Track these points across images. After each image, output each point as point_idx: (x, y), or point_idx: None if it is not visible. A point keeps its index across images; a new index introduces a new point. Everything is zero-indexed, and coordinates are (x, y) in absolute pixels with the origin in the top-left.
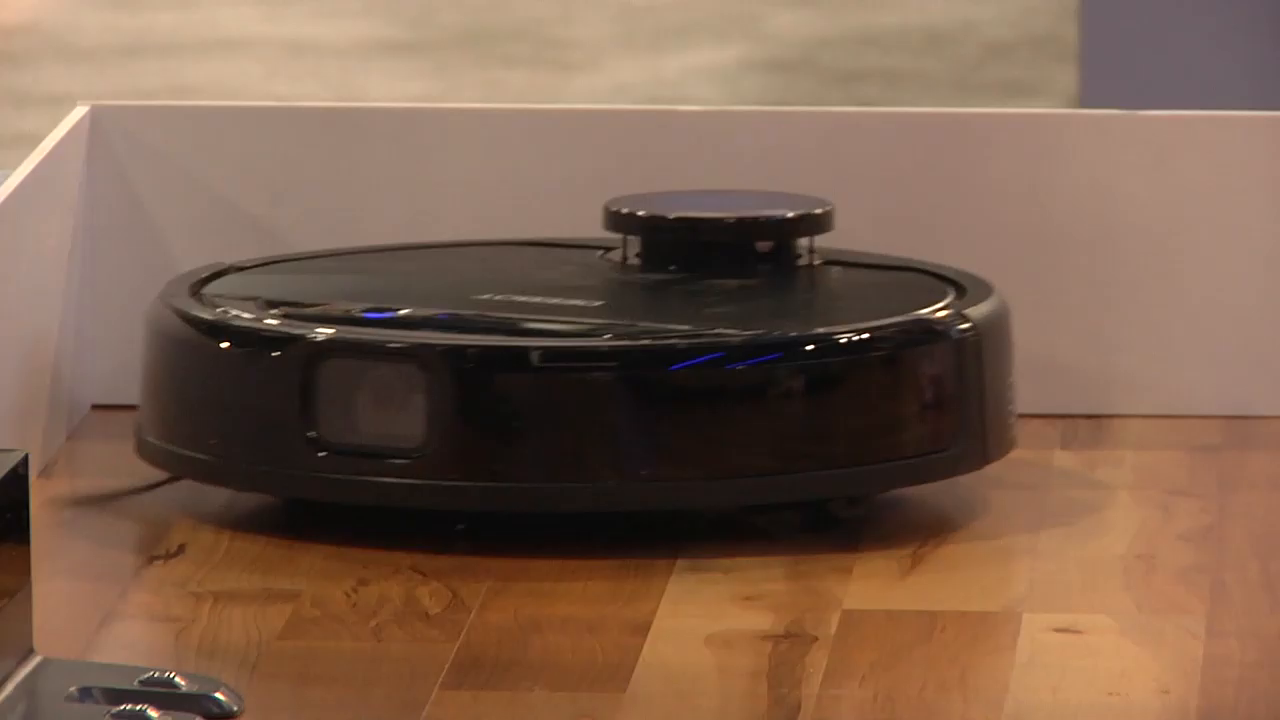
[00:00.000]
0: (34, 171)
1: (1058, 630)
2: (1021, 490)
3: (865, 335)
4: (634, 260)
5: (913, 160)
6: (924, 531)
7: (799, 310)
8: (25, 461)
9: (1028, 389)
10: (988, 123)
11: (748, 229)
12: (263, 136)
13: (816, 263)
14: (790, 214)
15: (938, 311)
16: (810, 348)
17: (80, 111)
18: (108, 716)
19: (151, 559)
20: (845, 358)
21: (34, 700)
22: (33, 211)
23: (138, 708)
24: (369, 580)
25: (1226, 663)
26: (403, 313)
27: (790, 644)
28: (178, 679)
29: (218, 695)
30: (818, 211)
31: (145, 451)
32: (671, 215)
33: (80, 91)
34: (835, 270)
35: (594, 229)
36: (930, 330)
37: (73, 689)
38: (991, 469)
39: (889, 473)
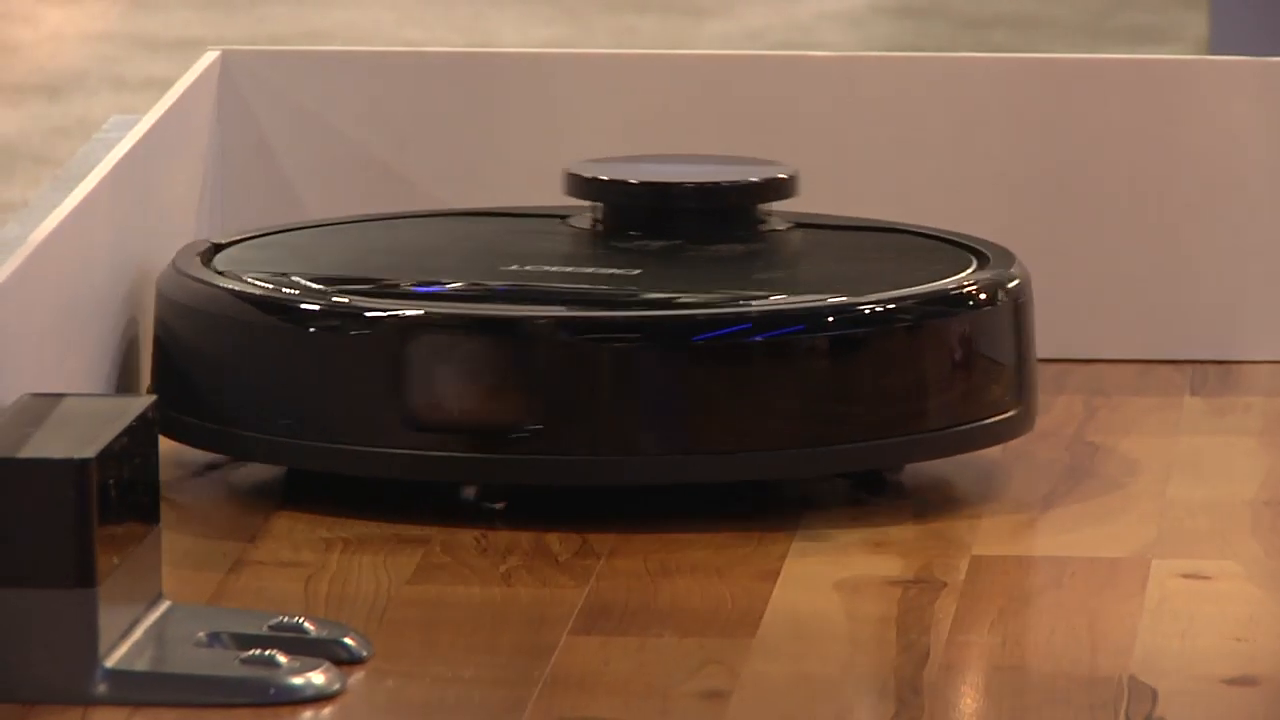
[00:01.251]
0: (164, 116)
1: (1186, 576)
2: (1150, 436)
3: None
4: (599, 228)
5: (1041, 106)
6: (1054, 479)
7: (848, 276)
8: (155, 406)
9: (1157, 334)
10: (1117, 69)
11: (710, 195)
12: (393, 82)
13: (782, 227)
14: (755, 179)
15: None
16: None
17: (211, 56)
18: (236, 661)
19: (279, 506)
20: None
21: (163, 645)
22: (163, 156)
23: (266, 653)
24: (498, 526)
25: None
26: (452, 285)
27: (919, 590)
28: (307, 624)
29: (346, 641)
30: (781, 177)
31: (190, 434)
32: (636, 180)
33: (211, 37)
34: (829, 234)
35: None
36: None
37: (201, 634)
38: (1122, 414)
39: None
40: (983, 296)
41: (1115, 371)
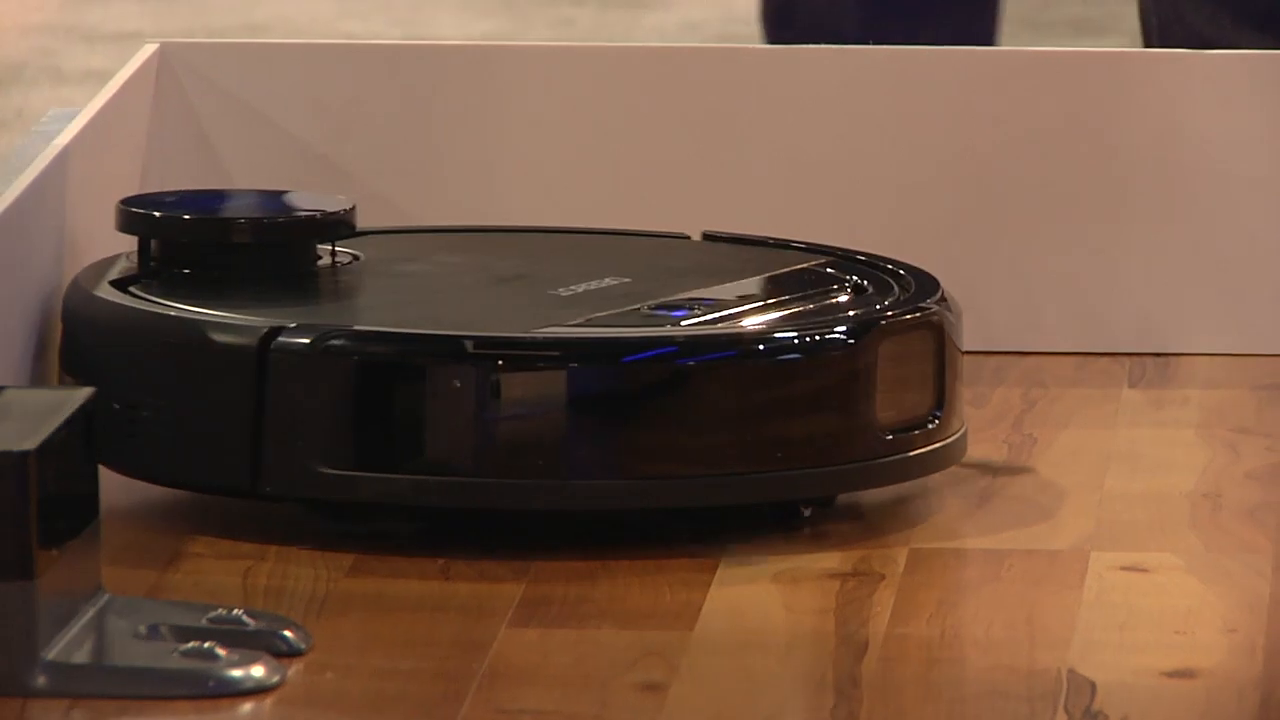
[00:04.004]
0: (103, 109)
1: (1125, 569)
2: (1088, 429)
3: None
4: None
5: (977, 98)
6: (992, 470)
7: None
8: (94, 399)
9: (1095, 327)
10: (1054, 61)
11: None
12: (332, 75)
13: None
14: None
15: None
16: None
17: (149, 49)
18: (175, 654)
19: (219, 499)
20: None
21: (102, 638)
22: (101, 149)
23: (205, 645)
24: (436, 518)
25: None
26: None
27: (857, 582)
28: (245, 617)
29: (285, 633)
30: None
31: (342, 488)
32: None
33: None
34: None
35: (667, 174)
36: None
37: (141, 627)
38: (1060, 406)
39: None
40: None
41: (1053, 364)
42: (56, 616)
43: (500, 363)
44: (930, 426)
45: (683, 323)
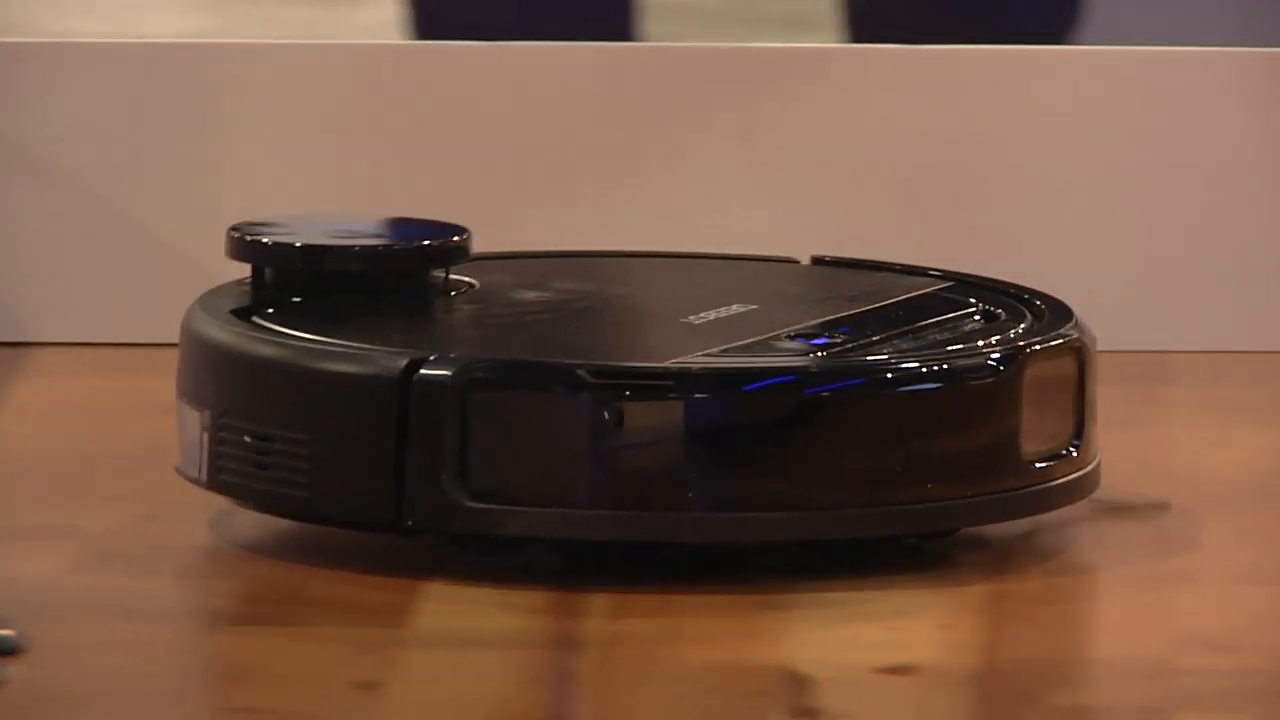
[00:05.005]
0: None
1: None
2: None
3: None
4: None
5: (676, 94)
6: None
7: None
8: None
9: None
10: (759, 57)
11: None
12: (39, 73)
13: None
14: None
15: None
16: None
17: None
18: None
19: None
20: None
21: None
22: None
23: None
24: (158, 515)
25: None
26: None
27: (577, 577)
28: None
29: (2, 632)
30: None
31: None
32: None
33: None
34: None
35: (346, 180)
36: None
37: None
38: None
39: None
40: None
41: None
42: None
43: (660, 394)
44: (1070, 455)
45: (825, 351)
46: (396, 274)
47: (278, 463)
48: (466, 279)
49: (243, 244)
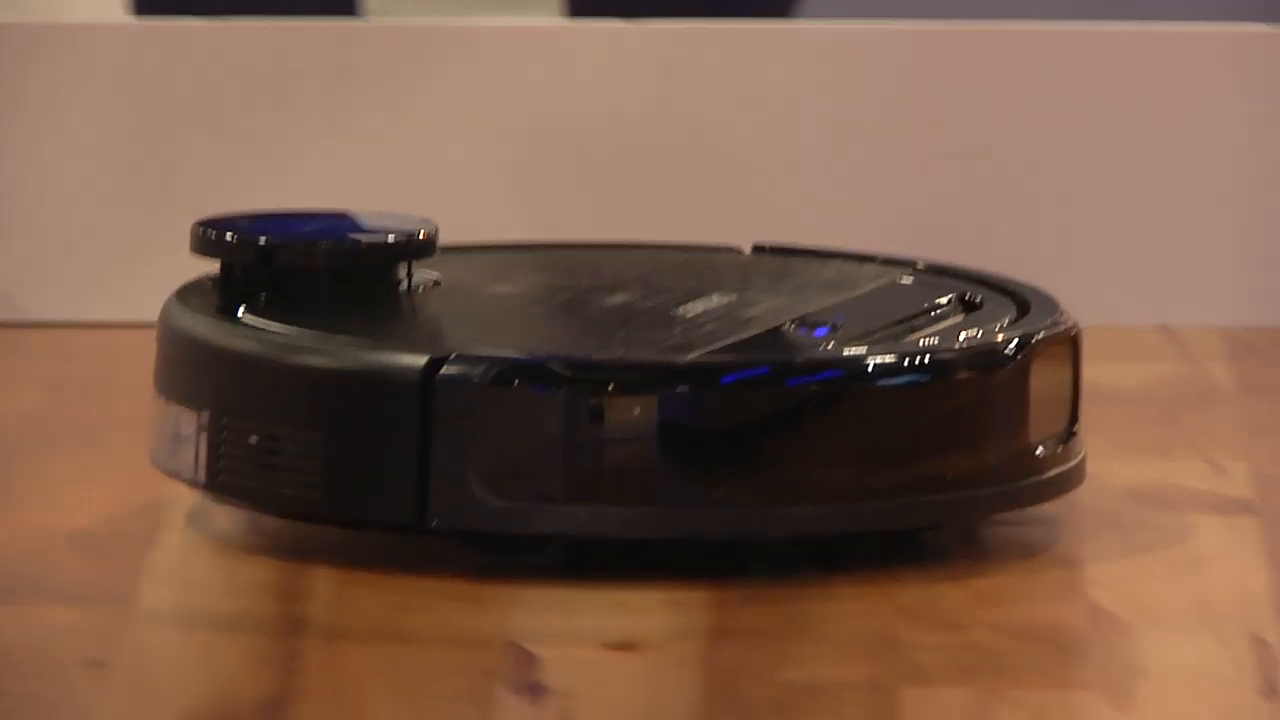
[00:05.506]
0: None
1: None
2: None
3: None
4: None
5: (412, 70)
6: None
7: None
8: None
9: None
10: (479, 35)
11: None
12: None
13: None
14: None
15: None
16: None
17: None
18: None
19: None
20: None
21: None
22: None
23: None
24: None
25: None
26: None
27: (302, 561)
28: None
29: None
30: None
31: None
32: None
33: None
34: None
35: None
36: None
37: None
38: None
39: None
40: None
41: None
42: None
43: (688, 388)
44: (1069, 443)
45: (832, 342)
46: (365, 270)
47: (287, 464)
48: (433, 275)
49: (206, 240)
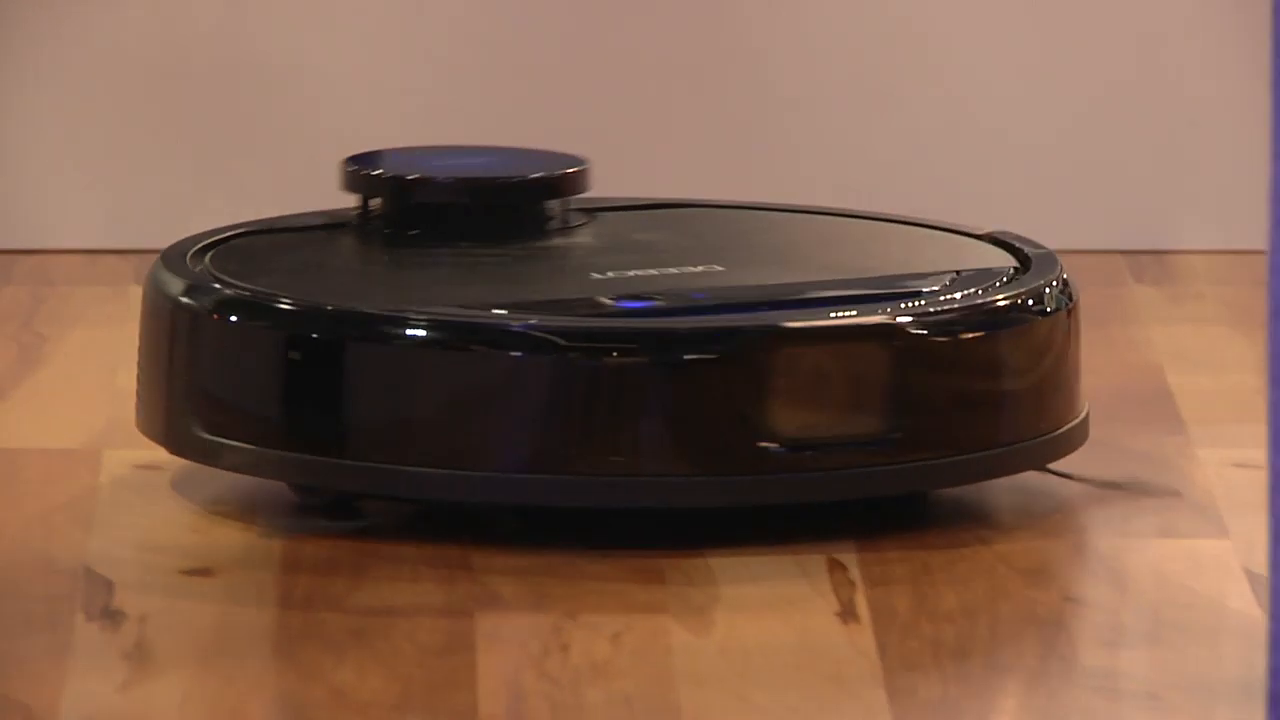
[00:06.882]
0: None
1: (139, 467)
2: (98, 328)
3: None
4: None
5: None
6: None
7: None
8: None
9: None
10: None
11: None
12: None
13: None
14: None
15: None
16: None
17: None
18: None
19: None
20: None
21: None
22: None
23: None
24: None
25: None
26: (660, 302)
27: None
28: None
29: None
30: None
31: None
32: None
33: None
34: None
35: None
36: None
37: None
38: (69, 306)
39: None
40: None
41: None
42: None
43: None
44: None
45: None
46: (513, 207)
47: None
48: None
49: (356, 177)
